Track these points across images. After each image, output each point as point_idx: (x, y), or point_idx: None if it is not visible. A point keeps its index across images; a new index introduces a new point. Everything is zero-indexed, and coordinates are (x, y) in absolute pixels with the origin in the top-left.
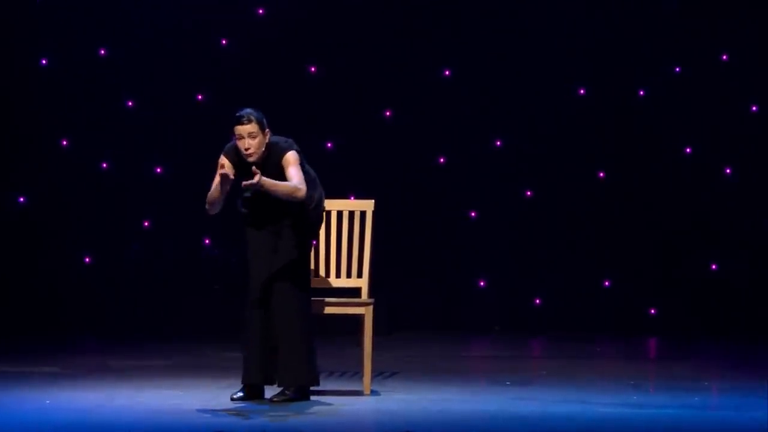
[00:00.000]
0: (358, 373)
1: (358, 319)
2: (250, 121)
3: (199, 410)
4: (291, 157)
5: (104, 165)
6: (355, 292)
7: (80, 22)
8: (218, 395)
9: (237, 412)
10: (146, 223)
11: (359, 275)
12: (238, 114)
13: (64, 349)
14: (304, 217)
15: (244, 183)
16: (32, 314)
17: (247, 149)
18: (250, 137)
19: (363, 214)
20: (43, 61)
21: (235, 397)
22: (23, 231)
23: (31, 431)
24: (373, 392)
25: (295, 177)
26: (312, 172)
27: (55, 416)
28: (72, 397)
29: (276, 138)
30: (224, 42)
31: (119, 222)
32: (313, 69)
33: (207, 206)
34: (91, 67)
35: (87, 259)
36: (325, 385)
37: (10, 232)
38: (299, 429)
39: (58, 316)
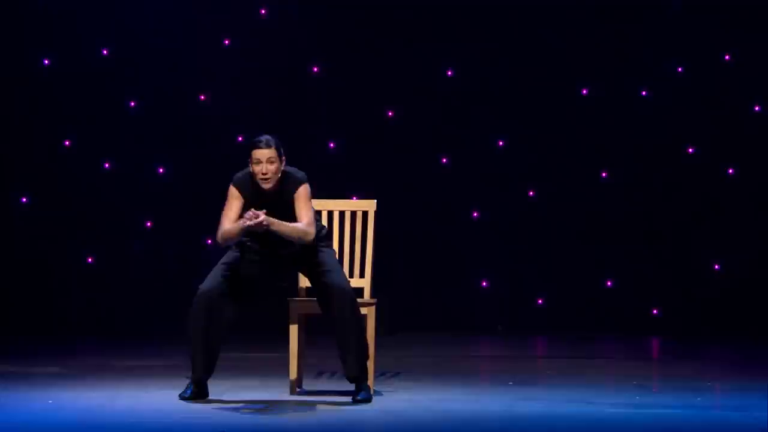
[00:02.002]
0: None
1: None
2: (269, 147)
3: (200, 409)
4: (304, 192)
5: (107, 165)
6: (358, 292)
7: (83, 23)
8: (220, 395)
9: (239, 412)
10: (148, 223)
11: (362, 275)
12: (256, 139)
13: (66, 349)
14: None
15: (248, 224)
16: (34, 314)
17: (264, 174)
18: (268, 162)
19: (365, 214)
20: (46, 61)
21: (187, 396)
22: (26, 230)
23: (34, 431)
24: (376, 392)
25: (305, 217)
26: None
27: (58, 416)
28: (74, 397)
29: (291, 168)
30: (227, 42)
31: (122, 222)
32: (315, 69)
33: (220, 241)
34: (94, 67)
35: (89, 259)
36: (328, 384)
37: (12, 232)
38: (302, 429)
39: (60, 316)
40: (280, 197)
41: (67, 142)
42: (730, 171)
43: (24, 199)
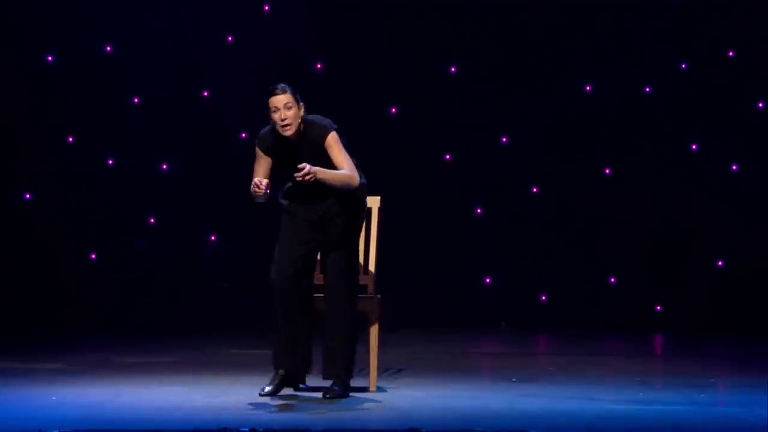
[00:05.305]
0: (363, 370)
1: (364, 316)
2: (284, 92)
3: (204, 407)
4: (334, 140)
5: (110, 161)
6: (361, 288)
7: (85, 19)
8: (223, 392)
9: (242, 409)
10: (152, 220)
11: (365, 272)
12: (271, 87)
13: (68, 346)
14: (348, 204)
15: (296, 176)
16: (37, 310)
17: (283, 120)
18: (285, 108)
19: (369, 210)
20: (49, 58)
21: (267, 389)
22: (29, 227)
23: (37, 427)
24: (379, 389)
25: (344, 163)
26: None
27: (60, 412)
28: (77, 393)
29: (312, 116)
30: (230, 38)
31: (125, 219)
32: (318, 65)
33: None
34: (97, 63)
35: (92, 256)
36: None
37: (15, 229)
38: (305, 425)
39: (63, 312)
40: (304, 145)
41: (70, 139)
42: (734, 167)
43: (27, 196)
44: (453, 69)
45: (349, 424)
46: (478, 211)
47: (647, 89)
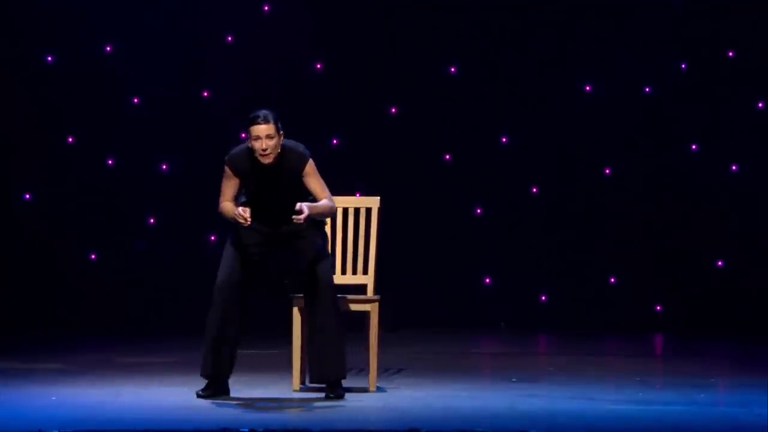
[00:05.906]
0: (363, 370)
1: (364, 316)
2: (267, 122)
3: (202, 407)
4: (312, 169)
5: (110, 162)
6: (361, 289)
7: (86, 20)
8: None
9: (242, 409)
10: (151, 220)
11: (365, 272)
12: (253, 114)
13: (68, 346)
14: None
15: (295, 219)
16: (37, 310)
17: (264, 149)
18: (267, 138)
19: (369, 210)
20: (49, 59)
21: (202, 393)
22: (29, 227)
23: (37, 427)
24: (379, 389)
25: (323, 192)
26: None
27: (59, 412)
28: (77, 393)
29: (288, 142)
30: (230, 39)
31: (124, 219)
32: (318, 66)
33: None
34: (97, 63)
35: (92, 256)
36: None
37: (15, 229)
38: (304, 425)
39: (62, 312)
40: (280, 171)
41: (70, 139)
42: (734, 168)
43: (27, 196)
44: (453, 69)
45: (348, 424)
46: (478, 211)
47: (647, 89)
